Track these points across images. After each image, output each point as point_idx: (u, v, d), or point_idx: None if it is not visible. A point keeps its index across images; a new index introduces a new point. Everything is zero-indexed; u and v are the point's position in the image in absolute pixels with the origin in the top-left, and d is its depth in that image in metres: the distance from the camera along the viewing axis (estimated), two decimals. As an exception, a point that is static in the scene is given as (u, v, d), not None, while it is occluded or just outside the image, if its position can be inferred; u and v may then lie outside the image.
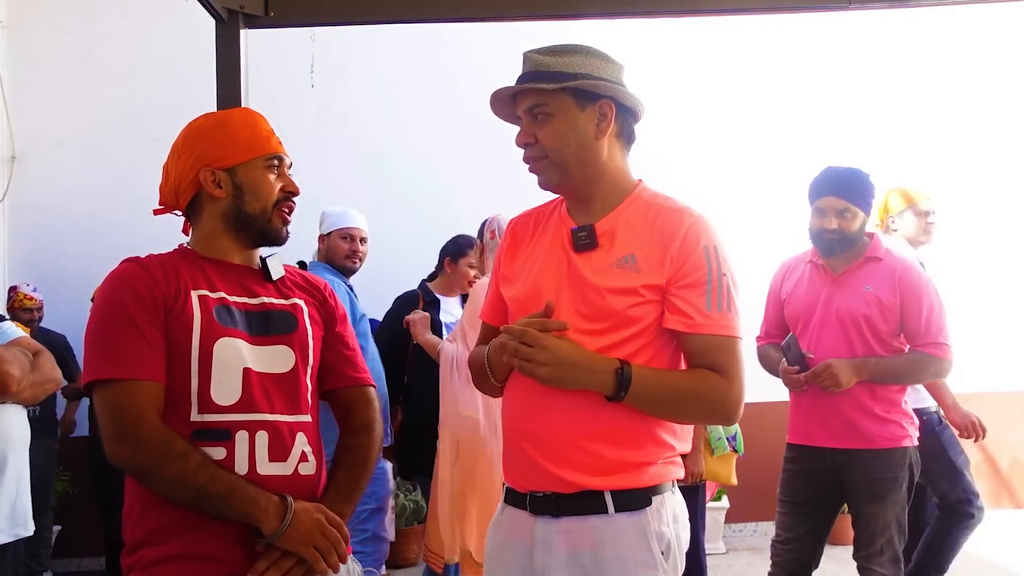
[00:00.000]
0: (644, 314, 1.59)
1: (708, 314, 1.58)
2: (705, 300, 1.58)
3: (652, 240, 1.61)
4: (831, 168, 2.95)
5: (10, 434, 2.04)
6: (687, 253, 1.59)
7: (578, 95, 1.62)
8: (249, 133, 1.64)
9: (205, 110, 1.73)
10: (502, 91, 1.68)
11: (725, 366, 1.59)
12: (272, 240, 1.67)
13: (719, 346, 1.59)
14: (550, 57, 1.63)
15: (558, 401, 1.58)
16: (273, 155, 1.65)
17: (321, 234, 3.77)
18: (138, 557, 1.50)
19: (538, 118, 1.63)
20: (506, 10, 2.55)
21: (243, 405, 1.52)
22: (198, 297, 1.54)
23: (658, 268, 1.59)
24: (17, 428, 2.07)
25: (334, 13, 2.48)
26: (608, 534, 1.57)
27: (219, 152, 1.61)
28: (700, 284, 1.59)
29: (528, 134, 1.65)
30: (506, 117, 1.74)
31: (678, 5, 2.67)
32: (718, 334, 1.59)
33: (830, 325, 2.90)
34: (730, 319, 1.60)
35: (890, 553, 2.83)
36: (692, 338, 1.60)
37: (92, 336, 1.53)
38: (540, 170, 1.67)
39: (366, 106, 5.19)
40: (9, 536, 2.01)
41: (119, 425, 1.46)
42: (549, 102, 1.62)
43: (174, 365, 1.50)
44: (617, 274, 1.60)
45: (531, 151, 1.66)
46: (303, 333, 1.64)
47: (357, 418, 1.71)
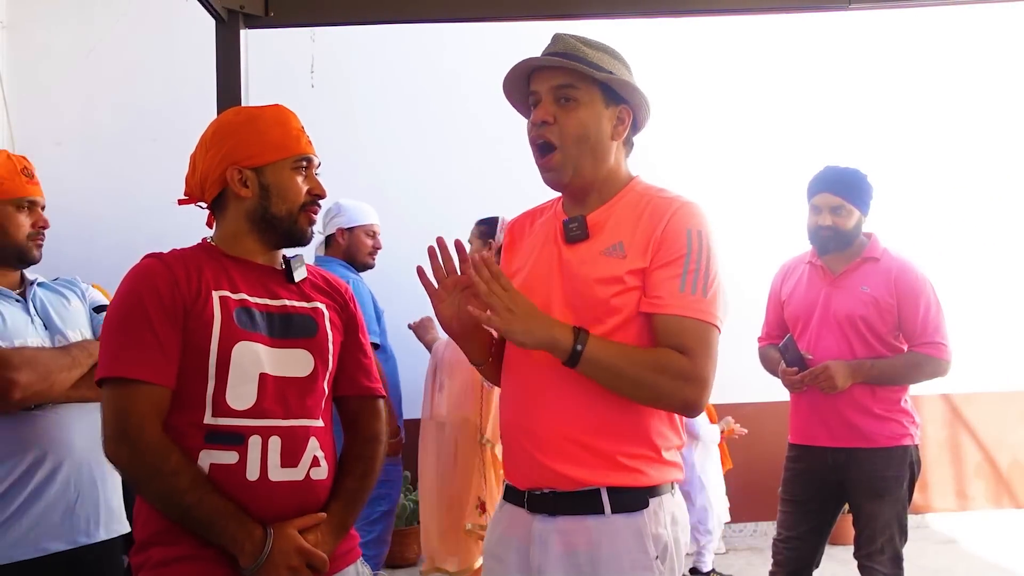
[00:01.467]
0: (629, 303, 1.56)
1: (681, 295, 1.52)
2: (680, 281, 1.52)
3: (639, 226, 1.59)
4: (829, 167, 2.97)
5: (63, 438, 1.94)
6: (670, 235, 1.55)
7: (607, 92, 1.61)
8: (279, 132, 1.61)
9: (205, 110, 1.73)
10: (531, 61, 1.62)
11: (692, 349, 1.51)
12: (297, 241, 1.65)
13: (687, 328, 1.51)
14: (586, 47, 1.61)
15: (554, 397, 1.58)
16: (302, 156, 1.63)
17: (341, 228, 3.64)
18: (147, 556, 1.50)
19: (564, 101, 1.60)
20: (506, 10, 2.55)
21: (257, 411, 1.51)
22: (219, 298, 1.53)
23: (643, 252, 1.57)
24: (75, 431, 1.95)
25: (334, 13, 2.48)
26: (605, 534, 1.56)
27: (248, 151, 1.59)
28: (678, 265, 1.53)
29: (548, 112, 1.60)
30: (513, 94, 1.69)
31: (678, 5, 2.67)
32: (689, 316, 1.51)
33: (829, 326, 2.91)
34: (706, 304, 1.52)
35: (891, 552, 2.84)
36: (660, 319, 1.53)
37: (107, 331, 1.53)
38: (551, 167, 1.63)
39: (366, 106, 5.19)
40: (67, 544, 1.94)
41: (120, 428, 1.46)
42: (581, 87, 1.59)
43: (191, 366, 1.49)
44: (604, 262, 1.58)
45: (546, 131, 1.61)
46: (323, 338, 1.62)
47: (367, 428, 1.71)
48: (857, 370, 2.82)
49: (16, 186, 2.03)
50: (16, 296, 2.04)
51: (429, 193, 5.07)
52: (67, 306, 2.11)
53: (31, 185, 2.06)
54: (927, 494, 5.49)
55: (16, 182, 2.03)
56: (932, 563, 4.63)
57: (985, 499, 5.60)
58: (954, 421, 5.58)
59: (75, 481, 1.95)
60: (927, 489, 5.49)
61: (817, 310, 2.94)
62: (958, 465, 5.60)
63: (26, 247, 2.04)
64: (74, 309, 2.12)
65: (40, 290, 2.10)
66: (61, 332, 2.04)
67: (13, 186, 2.02)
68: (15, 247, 2.03)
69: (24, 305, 2.03)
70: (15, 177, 2.03)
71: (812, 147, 4.88)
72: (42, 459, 1.92)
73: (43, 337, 2.01)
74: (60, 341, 2.02)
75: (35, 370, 1.86)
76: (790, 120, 5.39)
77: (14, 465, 1.89)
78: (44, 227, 2.07)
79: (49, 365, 1.90)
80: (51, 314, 2.06)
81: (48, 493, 1.91)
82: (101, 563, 2.00)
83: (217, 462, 1.48)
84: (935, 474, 5.51)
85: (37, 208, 2.07)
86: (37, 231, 2.05)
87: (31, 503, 1.90)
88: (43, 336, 2.01)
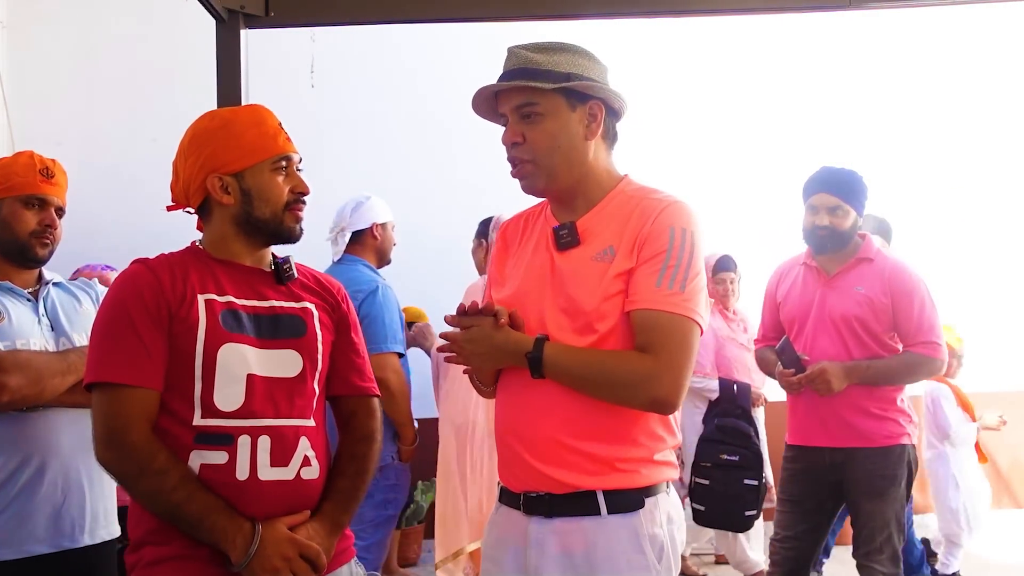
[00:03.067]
0: (618, 306, 1.56)
1: (656, 290, 1.51)
2: (657, 277, 1.52)
3: (629, 228, 1.58)
4: (826, 167, 2.98)
5: (52, 441, 1.94)
6: (653, 233, 1.55)
7: (569, 95, 1.60)
8: (255, 134, 1.60)
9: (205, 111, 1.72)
10: (488, 88, 1.64)
11: (660, 344, 1.50)
12: (286, 240, 1.65)
13: (658, 323, 1.50)
14: (539, 54, 1.60)
15: (547, 402, 1.57)
16: (280, 156, 1.61)
17: (376, 223, 3.33)
18: (140, 556, 1.51)
19: (528, 117, 1.60)
20: (505, 10, 2.55)
21: (246, 411, 1.52)
22: (204, 301, 1.54)
23: (629, 253, 1.56)
24: (65, 435, 1.96)
25: (335, 13, 2.48)
26: (601, 535, 1.56)
27: (224, 157, 1.58)
28: (657, 261, 1.53)
29: (516, 133, 1.62)
30: (487, 115, 1.70)
31: (678, 5, 2.67)
32: (662, 310, 1.50)
33: (824, 327, 2.91)
34: (682, 298, 1.51)
35: (889, 551, 2.84)
36: (635, 315, 1.53)
37: (94, 337, 1.55)
38: (524, 175, 1.64)
39: (366, 106, 5.19)
40: (50, 547, 1.92)
41: (108, 431, 1.47)
42: (540, 101, 1.59)
43: (178, 369, 1.50)
44: (595, 268, 1.58)
45: (518, 151, 1.62)
46: (312, 338, 1.62)
47: (361, 427, 1.70)
48: (852, 371, 2.83)
49: (28, 183, 2.04)
50: (27, 296, 2.04)
51: (429, 193, 5.07)
52: (78, 309, 2.12)
53: (45, 184, 2.06)
54: (927, 494, 5.49)
55: (29, 179, 2.04)
56: (932, 563, 4.63)
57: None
58: (954, 421, 5.57)
59: (62, 484, 1.96)
60: (927, 489, 5.48)
61: (812, 311, 2.95)
62: (958, 465, 5.59)
63: (28, 244, 2.04)
64: (84, 312, 2.11)
65: (54, 291, 2.10)
66: (67, 334, 2.04)
67: (25, 183, 2.04)
68: (17, 243, 2.03)
69: (34, 305, 2.04)
70: (30, 175, 2.04)
71: (810, 148, 4.88)
72: (29, 461, 1.92)
73: (48, 338, 2.01)
74: (65, 343, 2.02)
75: (25, 374, 1.86)
76: (789, 120, 5.39)
77: (1, 465, 1.90)
78: (50, 226, 2.06)
79: (41, 370, 1.90)
80: (60, 316, 2.07)
81: (34, 495, 1.91)
82: (92, 569, 1.99)
83: (207, 462, 1.49)
84: (935, 474, 5.50)
85: (49, 208, 2.07)
86: (42, 229, 2.05)
87: (16, 504, 1.90)
88: (48, 337, 2.01)
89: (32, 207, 2.05)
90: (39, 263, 2.09)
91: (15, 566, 1.89)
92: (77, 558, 1.97)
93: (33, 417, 1.94)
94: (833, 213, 2.89)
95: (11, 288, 2.02)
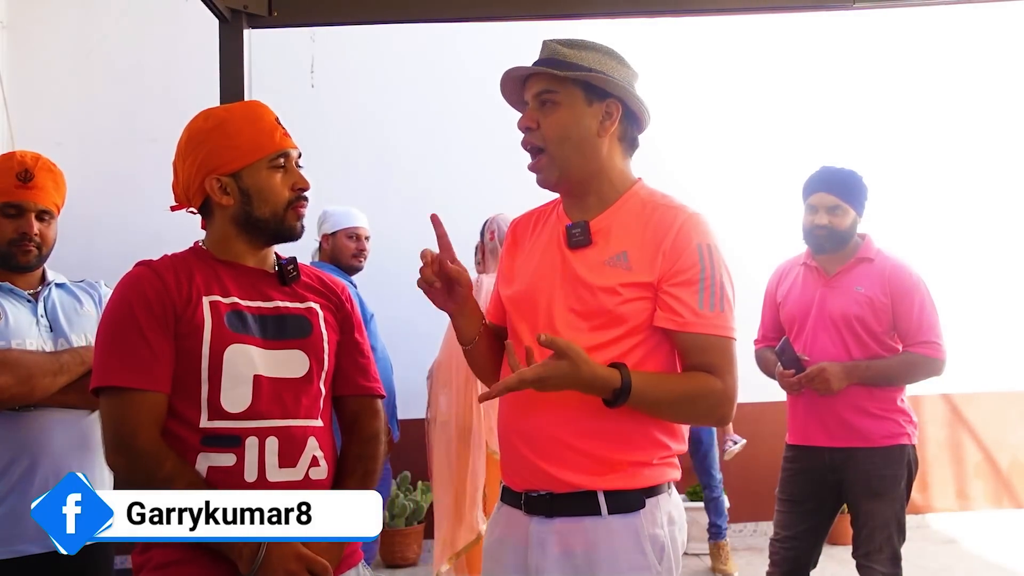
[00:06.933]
0: (634, 312, 1.58)
1: (700, 312, 1.57)
2: (698, 298, 1.57)
3: (645, 238, 1.60)
4: (825, 167, 2.98)
5: (43, 441, 1.94)
6: (679, 250, 1.58)
7: (588, 89, 1.62)
8: (251, 132, 1.58)
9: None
10: (515, 71, 1.67)
11: (719, 367, 1.58)
12: (287, 238, 1.64)
13: (712, 346, 1.58)
14: (568, 48, 1.64)
15: (552, 400, 1.57)
16: (278, 153, 1.59)
17: (325, 233, 3.74)
18: (147, 558, 1.51)
19: (545, 105, 1.63)
20: (507, 11, 2.55)
21: (253, 412, 1.51)
22: (210, 303, 1.53)
23: (650, 266, 1.58)
24: (56, 435, 1.95)
25: (337, 13, 2.48)
26: (602, 535, 1.57)
27: (221, 157, 1.57)
28: (693, 282, 1.57)
29: (532, 119, 1.65)
30: (513, 101, 1.74)
31: (679, 5, 2.68)
32: (711, 333, 1.57)
33: (824, 327, 2.91)
34: (724, 319, 1.59)
35: (889, 551, 2.84)
36: (684, 337, 1.58)
37: (100, 341, 1.54)
38: (539, 168, 1.67)
39: (366, 106, 5.19)
40: (42, 547, 1.90)
41: (116, 436, 1.47)
42: (559, 90, 1.62)
43: (184, 371, 1.50)
44: (608, 272, 1.60)
45: (531, 136, 1.66)
46: (318, 338, 1.62)
47: (366, 428, 1.69)
48: (852, 371, 2.83)
49: (1, 190, 1.99)
50: (28, 296, 2.03)
51: (428, 193, 5.06)
52: (79, 310, 2.10)
53: (21, 190, 2.00)
54: (927, 494, 5.50)
55: (3, 186, 1.99)
56: (932, 563, 4.63)
57: (985, 499, 5.60)
58: (954, 421, 5.58)
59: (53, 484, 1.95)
60: (927, 489, 5.49)
61: (812, 311, 2.95)
62: (958, 465, 5.60)
63: (10, 252, 2.01)
64: (85, 314, 2.10)
65: (56, 291, 2.09)
66: (66, 336, 2.04)
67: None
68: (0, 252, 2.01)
69: (33, 306, 2.03)
70: (5, 181, 1.99)
71: (810, 147, 4.88)
72: (19, 460, 1.92)
73: (46, 339, 2.00)
74: (63, 344, 2.02)
75: (15, 373, 1.86)
76: (789, 120, 5.39)
77: None
78: (27, 233, 2.01)
79: (32, 369, 1.89)
80: (60, 317, 2.06)
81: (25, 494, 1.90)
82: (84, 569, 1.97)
83: (215, 465, 1.48)
84: (935, 474, 5.51)
85: (28, 214, 2.02)
86: (19, 237, 2.00)
87: (7, 503, 1.90)
88: (46, 338, 2.00)
89: (8, 215, 2.00)
90: (27, 269, 2.06)
91: (7, 565, 1.89)
92: (69, 558, 1.96)
93: (25, 417, 1.93)
94: (832, 213, 2.90)
95: (12, 289, 2.02)
